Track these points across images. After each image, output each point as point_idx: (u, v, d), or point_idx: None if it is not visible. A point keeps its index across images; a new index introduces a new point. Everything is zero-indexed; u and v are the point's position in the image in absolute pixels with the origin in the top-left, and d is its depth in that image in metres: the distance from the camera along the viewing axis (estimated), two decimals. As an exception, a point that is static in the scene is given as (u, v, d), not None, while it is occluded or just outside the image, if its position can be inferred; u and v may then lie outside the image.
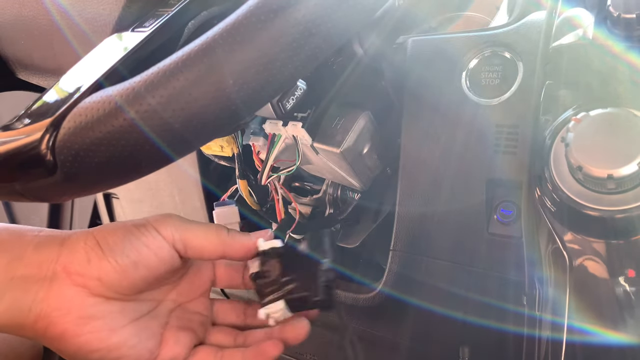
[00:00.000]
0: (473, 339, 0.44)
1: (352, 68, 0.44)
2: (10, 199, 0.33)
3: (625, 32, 0.34)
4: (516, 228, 0.41)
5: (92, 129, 0.28)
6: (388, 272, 0.48)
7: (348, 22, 0.29)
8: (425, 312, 0.46)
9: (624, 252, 0.33)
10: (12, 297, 0.35)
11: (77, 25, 0.43)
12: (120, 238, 0.37)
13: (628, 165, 0.31)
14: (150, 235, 0.37)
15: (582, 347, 0.33)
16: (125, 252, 0.36)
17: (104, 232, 0.37)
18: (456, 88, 0.45)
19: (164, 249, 0.37)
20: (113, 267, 0.36)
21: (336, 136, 0.46)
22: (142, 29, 0.38)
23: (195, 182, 0.63)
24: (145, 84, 0.27)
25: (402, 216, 0.47)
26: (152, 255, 0.37)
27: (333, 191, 0.55)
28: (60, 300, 0.35)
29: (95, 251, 0.36)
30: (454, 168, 0.44)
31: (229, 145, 0.51)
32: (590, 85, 0.36)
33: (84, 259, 0.36)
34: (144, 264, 0.37)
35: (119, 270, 0.36)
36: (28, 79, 0.54)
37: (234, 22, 0.27)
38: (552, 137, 0.36)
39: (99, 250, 0.36)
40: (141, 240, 0.37)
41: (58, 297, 0.35)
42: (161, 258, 0.37)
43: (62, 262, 0.36)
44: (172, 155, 0.29)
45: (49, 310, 0.35)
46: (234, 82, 0.27)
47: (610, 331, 0.33)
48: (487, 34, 0.45)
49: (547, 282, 0.36)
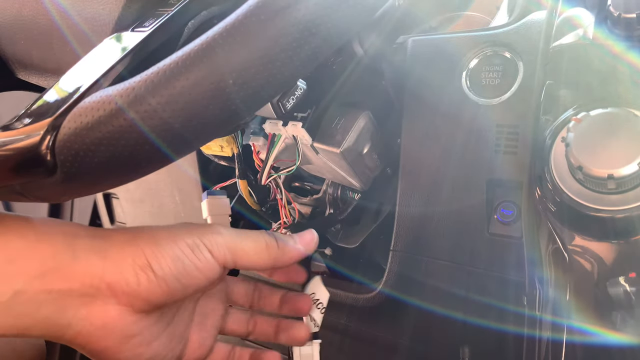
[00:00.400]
0: (473, 339, 0.44)
1: (352, 68, 0.44)
2: (10, 198, 0.33)
3: (626, 32, 0.34)
4: (516, 228, 0.41)
5: (92, 129, 0.28)
6: (388, 272, 0.48)
7: (348, 22, 0.29)
8: (425, 312, 0.46)
9: (624, 252, 0.33)
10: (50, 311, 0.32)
11: (77, 25, 0.43)
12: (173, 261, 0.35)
13: (628, 166, 0.31)
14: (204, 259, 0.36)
15: (583, 347, 0.33)
16: (178, 277, 0.35)
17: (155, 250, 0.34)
18: (456, 88, 0.45)
19: (214, 271, 0.36)
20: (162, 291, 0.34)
21: (336, 136, 0.46)
22: (142, 28, 0.38)
23: (195, 182, 0.63)
24: (145, 83, 0.27)
25: (402, 216, 0.47)
26: (202, 278, 0.36)
27: (333, 191, 0.55)
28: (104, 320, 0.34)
29: (147, 274, 0.34)
30: (454, 168, 0.44)
31: (229, 145, 0.51)
32: (591, 85, 0.36)
33: (133, 282, 0.33)
34: (194, 287, 0.36)
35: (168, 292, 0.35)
36: (28, 79, 0.54)
37: (234, 22, 0.27)
38: (552, 137, 0.36)
39: (150, 273, 0.34)
40: (195, 265, 0.35)
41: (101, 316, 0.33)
42: (209, 279, 0.36)
43: (108, 280, 0.33)
44: (172, 155, 0.29)
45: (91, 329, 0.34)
46: (233, 81, 0.27)
47: (610, 331, 0.33)
48: (488, 33, 0.45)
49: (547, 282, 0.36)
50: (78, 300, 0.33)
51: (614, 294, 0.33)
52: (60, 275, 0.32)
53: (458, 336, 0.45)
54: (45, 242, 0.33)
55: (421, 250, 0.46)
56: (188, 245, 0.35)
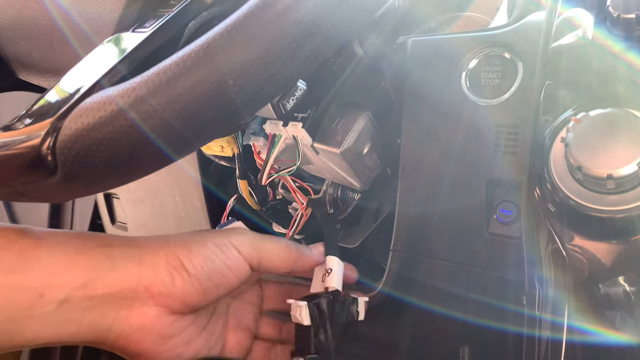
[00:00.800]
0: (473, 339, 0.44)
1: (352, 68, 0.44)
2: (11, 199, 0.33)
3: (625, 32, 0.34)
4: (516, 228, 0.41)
5: (93, 130, 0.28)
6: (388, 272, 0.48)
7: (348, 22, 0.29)
8: (425, 312, 0.46)
9: (624, 252, 0.33)
10: (93, 317, 0.34)
11: (78, 25, 0.43)
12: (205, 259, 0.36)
13: (628, 166, 0.32)
14: (233, 257, 0.37)
15: (582, 347, 0.33)
16: (210, 276, 0.36)
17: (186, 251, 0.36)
18: (456, 88, 0.45)
19: (243, 270, 0.38)
20: (197, 290, 0.36)
21: (336, 136, 0.46)
22: (142, 29, 0.38)
23: (196, 182, 0.63)
24: (146, 84, 0.27)
25: (402, 216, 0.47)
26: (233, 277, 0.37)
27: (333, 191, 0.55)
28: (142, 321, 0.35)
29: (181, 274, 0.35)
30: (454, 168, 0.44)
31: (229, 146, 0.51)
32: (590, 86, 0.36)
33: (168, 282, 0.35)
34: (225, 285, 0.37)
35: (202, 292, 0.36)
36: (29, 79, 0.54)
37: (234, 23, 0.28)
38: (551, 137, 0.36)
39: (184, 273, 0.35)
40: (225, 264, 0.37)
41: (140, 318, 0.35)
42: (240, 278, 0.38)
43: (144, 283, 0.35)
44: (173, 156, 0.29)
45: (130, 331, 0.35)
46: (234, 82, 0.27)
47: (610, 331, 0.33)
48: (487, 34, 0.45)
49: (547, 282, 0.36)
50: (118, 304, 0.35)
51: (614, 294, 0.33)
52: (101, 283, 0.34)
53: (458, 336, 0.45)
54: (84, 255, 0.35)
55: (421, 250, 0.46)
56: (217, 245, 0.37)
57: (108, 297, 0.34)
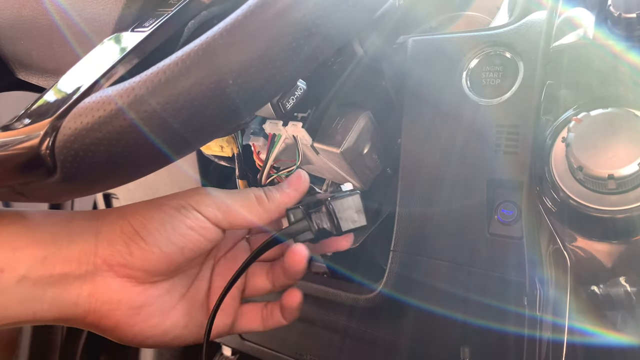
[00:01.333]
0: (474, 340, 0.44)
1: (352, 68, 0.44)
2: (10, 199, 0.33)
3: (626, 32, 0.34)
4: (517, 228, 0.41)
5: (92, 130, 0.28)
6: (388, 272, 0.48)
7: (348, 22, 0.29)
8: (425, 312, 0.46)
9: (625, 252, 0.33)
10: (55, 293, 0.34)
11: (77, 25, 0.43)
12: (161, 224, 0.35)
13: (629, 166, 0.31)
14: (193, 218, 0.36)
15: (583, 348, 0.33)
16: (171, 239, 0.35)
17: (140, 218, 0.35)
18: (456, 88, 0.45)
19: (208, 229, 0.36)
20: (158, 257, 0.34)
21: (336, 136, 0.46)
22: (141, 28, 0.38)
23: (196, 182, 0.63)
24: (145, 84, 0.27)
25: (402, 216, 0.47)
26: (197, 237, 0.36)
27: (333, 191, 0.55)
28: (107, 294, 0.34)
29: (136, 242, 0.34)
30: (454, 168, 0.44)
31: (229, 146, 0.51)
32: (591, 85, 0.36)
33: (125, 252, 0.34)
34: (190, 247, 0.36)
35: (164, 258, 0.35)
36: (28, 79, 0.54)
37: (233, 22, 0.27)
38: (552, 137, 0.36)
39: (140, 241, 0.34)
40: (185, 224, 0.35)
41: (105, 291, 0.34)
42: (208, 239, 0.36)
43: (102, 255, 0.34)
44: (172, 156, 0.29)
45: (97, 305, 0.34)
46: (233, 82, 0.27)
47: (611, 332, 0.33)
48: (488, 33, 0.45)
49: (547, 282, 0.36)
50: (79, 279, 0.34)
51: (615, 294, 0.33)
52: (60, 257, 0.34)
53: (458, 336, 0.45)
54: (46, 231, 0.34)
55: (421, 250, 0.46)
56: (174, 208, 0.36)
57: (67, 274, 0.34)
